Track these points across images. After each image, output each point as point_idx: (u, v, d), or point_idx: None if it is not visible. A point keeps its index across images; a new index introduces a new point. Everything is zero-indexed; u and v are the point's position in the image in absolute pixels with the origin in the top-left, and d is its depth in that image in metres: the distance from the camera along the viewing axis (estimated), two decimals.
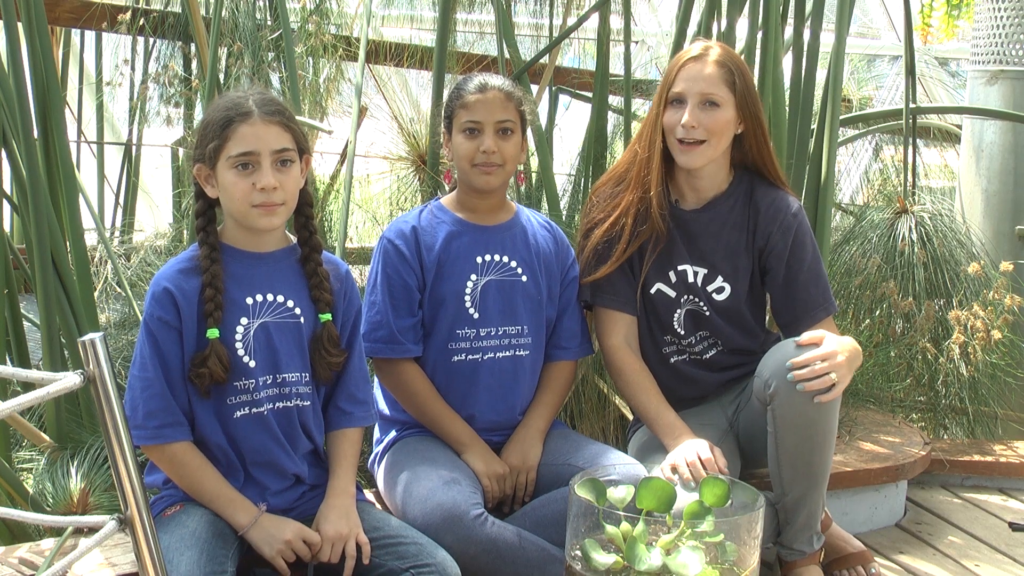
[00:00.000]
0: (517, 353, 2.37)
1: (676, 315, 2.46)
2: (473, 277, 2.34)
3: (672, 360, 2.49)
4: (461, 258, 2.34)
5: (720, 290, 2.43)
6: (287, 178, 1.99)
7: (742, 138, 2.39)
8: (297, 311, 2.07)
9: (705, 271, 2.43)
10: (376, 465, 2.40)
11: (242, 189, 1.96)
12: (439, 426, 2.34)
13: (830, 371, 2.16)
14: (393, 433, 2.39)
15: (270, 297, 2.05)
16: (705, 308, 2.44)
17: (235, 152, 1.95)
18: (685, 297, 2.44)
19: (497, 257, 2.36)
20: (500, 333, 2.35)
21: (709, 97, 2.31)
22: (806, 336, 2.23)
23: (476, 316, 2.33)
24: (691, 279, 2.43)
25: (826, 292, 2.43)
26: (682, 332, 2.46)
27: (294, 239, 2.12)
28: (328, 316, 2.09)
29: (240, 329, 2.01)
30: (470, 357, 2.34)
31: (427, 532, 2.05)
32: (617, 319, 2.45)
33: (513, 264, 2.37)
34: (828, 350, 2.19)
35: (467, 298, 2.33)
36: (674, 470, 2.20)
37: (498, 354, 2.35)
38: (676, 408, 2.38)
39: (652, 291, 2.45)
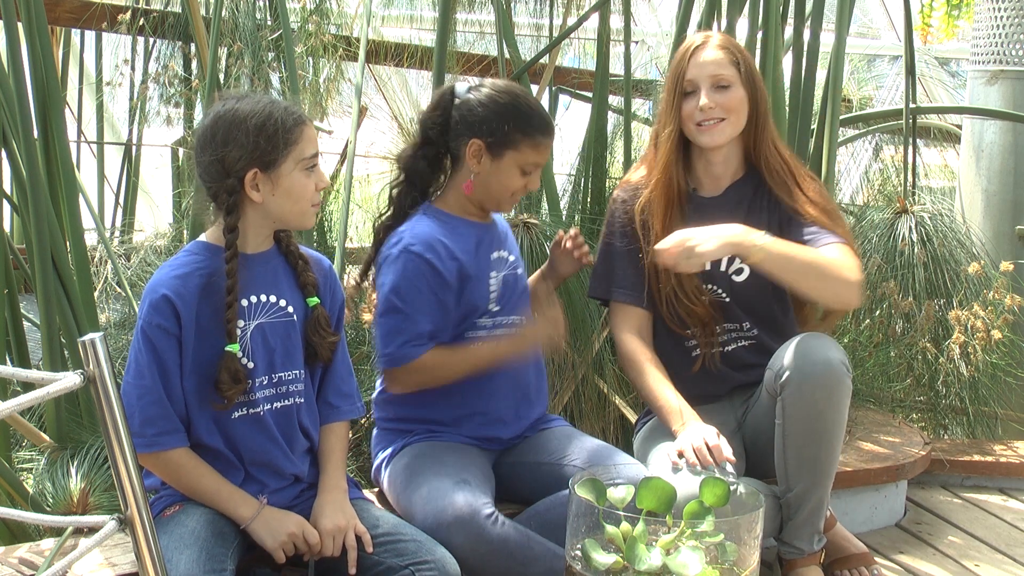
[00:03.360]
0: None
1: None
2: (493, 274, 2.34)
3: (694, 354, 2.47)
4: (483, 259, 2.32)
5: (739, 271, 2.41)
6: None
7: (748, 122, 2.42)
8: (289, 309, 2.08)
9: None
10: (383, 471, 2.36)
11: (310, 190, 2.02)
12: (477, 360, 2.28)
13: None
14: (399, 442, 2.36)
15: (263, 297, 2.05)
16: (725, 295, 2.43)
17: (309, 153, 2.01)
18: (707, 286, 2.42)
19: (504, 254, 2.37)
20: (509, 323, 2.35)
21: (720, 80, 2.37)
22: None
23: (496, 309, 2.33)
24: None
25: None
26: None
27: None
28: (316, 299, 2.11)
29: (238, 332, 2.01)
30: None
31: (438, 533, 2.04)
32: (630, 313, 2.45)
33: (511, 258, 2.39)
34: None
35: (492, 296, 2.33)
36: (681, 456, 2.20)
37: None
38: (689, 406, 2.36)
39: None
